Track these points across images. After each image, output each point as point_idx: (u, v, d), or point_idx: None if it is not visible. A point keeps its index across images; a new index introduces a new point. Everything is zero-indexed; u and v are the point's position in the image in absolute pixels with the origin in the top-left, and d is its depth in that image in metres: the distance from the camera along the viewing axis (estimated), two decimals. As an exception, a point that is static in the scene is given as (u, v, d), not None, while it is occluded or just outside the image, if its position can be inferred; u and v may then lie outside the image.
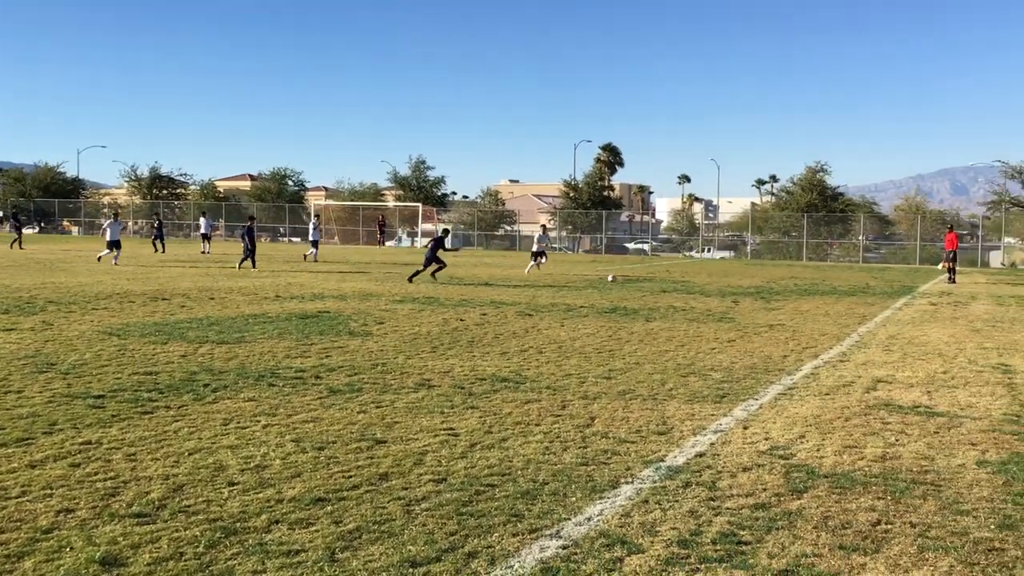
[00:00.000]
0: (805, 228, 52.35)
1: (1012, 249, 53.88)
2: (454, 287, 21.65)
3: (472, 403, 7.89)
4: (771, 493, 5.45)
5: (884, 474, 5.91)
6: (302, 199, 74.57)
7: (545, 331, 13.17)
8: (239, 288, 19.54)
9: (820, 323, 15.24)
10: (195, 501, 5.06)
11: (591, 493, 5.37)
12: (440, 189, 71.89)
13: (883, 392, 8.87)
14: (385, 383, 8.74)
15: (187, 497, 5.13)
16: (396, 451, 6.23)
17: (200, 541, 4.44)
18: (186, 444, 6.27)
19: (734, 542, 4.60)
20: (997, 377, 9.90)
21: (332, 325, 13.22)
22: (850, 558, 4.42)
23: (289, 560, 4.24)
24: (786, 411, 7.88)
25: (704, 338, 12.77)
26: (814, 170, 58.50)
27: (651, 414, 7.61)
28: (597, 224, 62.24)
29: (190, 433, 6.59)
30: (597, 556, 4.37)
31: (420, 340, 11.85)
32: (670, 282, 25.86)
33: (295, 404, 7.68)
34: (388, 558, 4.29)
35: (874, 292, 23.58)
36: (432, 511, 4.98)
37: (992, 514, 5.12)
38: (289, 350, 10.67)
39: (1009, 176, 52.69)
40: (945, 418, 7.70)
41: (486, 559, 4.31)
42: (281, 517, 4.83)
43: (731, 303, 18.86)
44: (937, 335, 13.76)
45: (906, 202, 60.93)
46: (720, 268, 37.36)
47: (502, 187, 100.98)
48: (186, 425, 6.82)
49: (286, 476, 5.58)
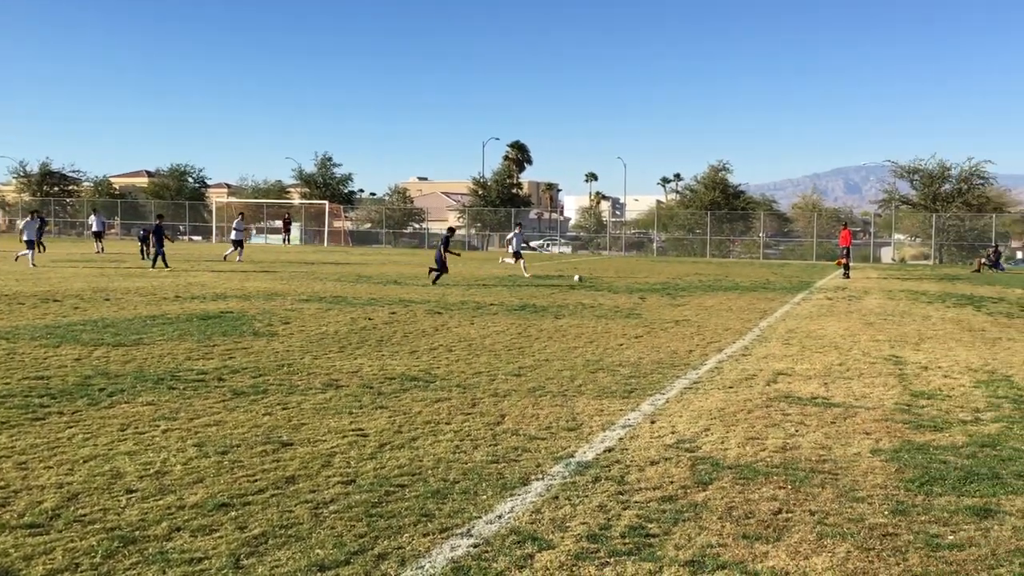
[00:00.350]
0: (709, 225, 53.55)
1: (902, 245, 56.23)
2: (362, 285, 21.42)
3: (381, 403, 7.82)
4: (678, 486, 5.55)
5: (785, 464, 6.08)
6: (203, 196, 72.68)
7: (455, 329, 13.14)
8: (136, 288, 18.92)
9: (724, 318, 15.61)
10: (91, 510, 4.87)
11: (502, 491, 5.38)
12: (347, 187, 71.05)
13: (783, 384, 9.13)
14: (291, 384, 8.58)
15: (83, 506, 4.93)
16: (303, 453, 6.12)
17: (97, 551, 4.28)
18: (81, 451, 6.04)
19: (642, 535, 4.67)
20: (889, 368, 10.30)
21: (235, 325, 12.92)
22: (753, 547, 4.53)
23: (192, 568, 4.12)
24: (692, 405, 8.04)
25: (612, 334, 12.94)
26: (717, 169, 59.89)
27: (561, 410, 7.66)
28: (506, 222, 62.44)
29: (85, 440, 6.34)
30: (508, 553, 4.38)
31: (327, 340, 11.68)
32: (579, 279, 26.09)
33: (197, 407, 7.47)
34: (295, 563, 4.21)
35: (774, 288, 24.27)
36: (340, 513, 4.91)
37: (886, 500, 5.32)
38: (190, 352, 10.38)
39: (899, 175, 54.89)
40: (841, 408, 7.97)
41: (396, 560, 4.27)
42: (183, 524, 4.69)
43: (638, 299, 19.16)
44: (833, 328, 14.25)
45: (803, 200, 62.85)
46: (627, 265, 37.93)
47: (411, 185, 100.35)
48: (81, 431, 6.56)
49: (188, 482, 5.43)
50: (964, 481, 5.71)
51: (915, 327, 14.65)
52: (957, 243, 49.50)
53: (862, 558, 4.41)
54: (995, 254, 39.26)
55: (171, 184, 70.46)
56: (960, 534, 4.75)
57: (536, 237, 71.36)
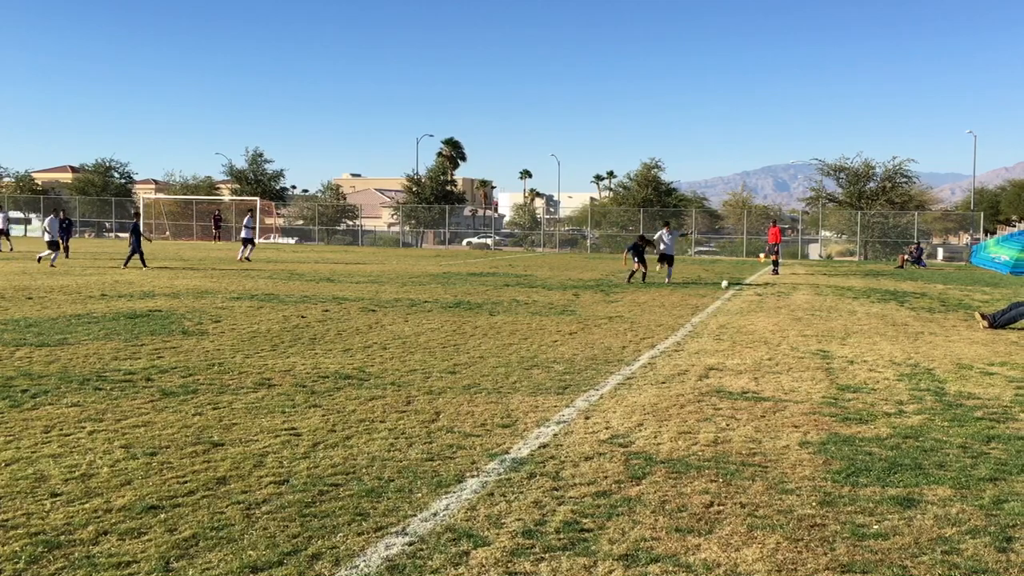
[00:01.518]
0: (641, 222, 54.16)
1: (828, 242, 57.62)
2: (295, 283, 21.16)
3: (315, 401, 7.73)
4: (612, 480, 5.61)
5: (716, 458, 6.19)
6: (129, 192, 71.00)
7: (389, 327, 13.06)
8: (60, 287, 18.40)
9: (656, 314, 15.80)
10: (14, 515, 4.72)
11: (437, 488, 5.37)
12: (279, 183, 70.11)
13: (715, 379, 9.28)
14: (222, 383, 8.43)
15: (4, 511, 4.77)
16: (235, 453, 6.02)
17: (20, 557, 4.15)
18: (3, 454, 5.84)
19: (577, 530, 4.70)
20: (817, 363, 10.55)
21: (164, 324, 12.65)
22: (686, 540, 4.60)
23: (120, 572, 4.02)
24: (625, 400, 8.12)
25: (547, 331, 13.00)
26: (649, 166, 60.65)
27: (496, 407, 7.67)
28: (440, 219, 62.28)
29: (7, 442, 6.14)
30: (443, 551, 4.37)
31: (259, 338, 11.51)
32: (513, 276, 26.18)
33: (124, 408, 7.29)
34: (227, 564, 4.14)
35: (706, 284, 24.64)
36: (273, 514, 4.84)
37: (814, 492, 5.45)
38: (117, 351, 10.13)
39: (825, 173, 56.25)
40: (771, 402, 8.13)
41: (330, 560, 4.23)
42: (110, 528, 4.57)
43: (572, 296, 19.28)
44: (763, 324, 14.53)
45: (733, 198, 64.01)
46: (561, 262, 38.14)
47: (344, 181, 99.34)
48: (2, 434, 6.35)
49: (115, 484, 5.30)
50: (888, 472, 5.88)
51: (841, 322, 15.02)
52: (881, 240, 50.91)
53: (791, 549, 4.51)
54: (917, 250, 40.49)
55: (96, 180, 68.71)
56: (885, 523, 4.89)
57: (470, 234, 71.28)
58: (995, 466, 6.06)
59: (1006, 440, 6.79)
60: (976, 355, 11.37)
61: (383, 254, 43.13)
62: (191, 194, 65.89)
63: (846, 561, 4.34)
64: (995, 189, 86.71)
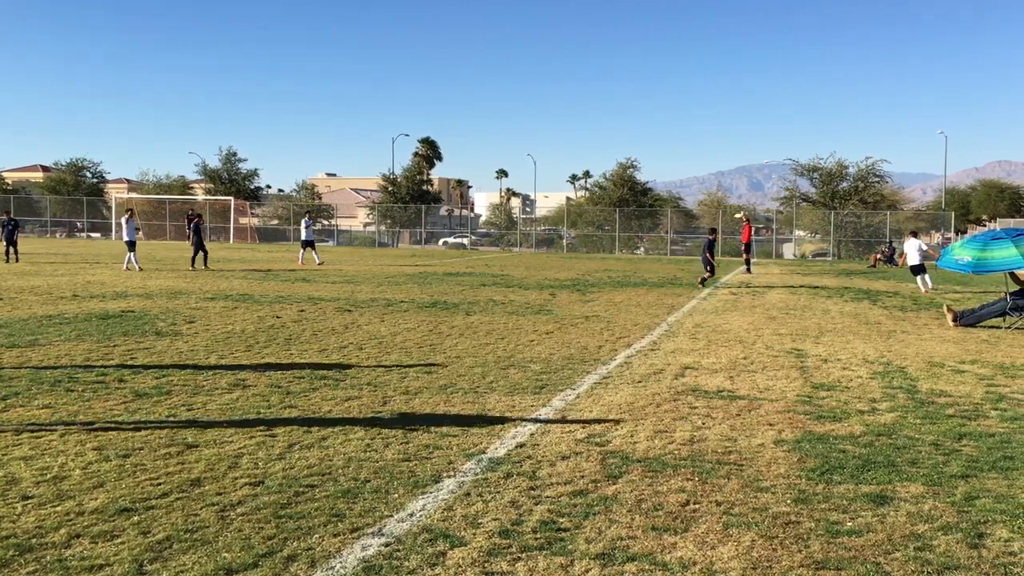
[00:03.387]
0: (617, 222, 54.31)
1: (802, 241, 58.05)
2: (270, 283, 21.03)
3: (290, 402, 7.69)
4: (588, 480, 5.61)
5: (692, 456, 6.21)
6: (102, 192, 70.26)
7: (365, 327, 13.01)
8: (31, 287, 18.19)
9: (633, 313, 15.84)
10: (-17, 519, 4.66)
11: (413, 489, 5.35)
12: (253, 182, 69.62)
13: (690, 378, 9.32)
14: (196, 384, 8.36)
15: (-26, 515, 4.71)
16: (209, 455, 5.97)
17: (-11, 562, 4.10)
18: (-28, 457, 5.77)
19: (554, 529, 4.70)
20: (791, 361, 10.62)
21: (137, 325, 12.53)
22: (662, 538, 4.62)
23: (92, 575, 3.98)
24: (602, 399, 8.14)
25: (523, 330, 13.00)
26: (625, 166, 60.78)
27: (472, 407, 7.66)
28: (416, 218, 62.14)
29: (-24, 445, 6.06)
30: (420, 551, 4.36)
31: (234, 339, 11.43)
32: (489, 276, 26.17)
33: (96, 410, 7.22)
34: (201, 567, 4.11)
35: (681, 283, 24.76)
36: (248, 516, 4.81)
37: (788, 490, 5.48)
38: (89, 352, 10.02)
39: (799, 173, 56.58)
40: (746, 401, 8.18)
41: (306, 562, 4.21)
42: (83, 531, 4.52)
43: (549, 295, 19.30)
44: (738, 323, 14.61)
45: (708, 197, 64.32)
46: (537, 261, 38.16)
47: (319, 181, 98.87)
48: (-28, 437, 6.27)
49: (87, 487, 5.24)
50: (862, 469, 5.93)
51: (815, 321, 15.14)
52: (854, 239, 51.33)
53: (766, 546, 4.53)
54: (890, 250, 40.85)
55: (68, 179, 67.95)
56: (858, 520, 4.93)
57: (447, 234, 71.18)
58: (966, 463, 6.13)
59: (977, 437, 6.87)
60: (947, 353, 11.50)
61: (359, 254, 42.96)
62: (164, 194, 65.32)
63: (820, 558, 4.38)
64: (966, 189, 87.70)
